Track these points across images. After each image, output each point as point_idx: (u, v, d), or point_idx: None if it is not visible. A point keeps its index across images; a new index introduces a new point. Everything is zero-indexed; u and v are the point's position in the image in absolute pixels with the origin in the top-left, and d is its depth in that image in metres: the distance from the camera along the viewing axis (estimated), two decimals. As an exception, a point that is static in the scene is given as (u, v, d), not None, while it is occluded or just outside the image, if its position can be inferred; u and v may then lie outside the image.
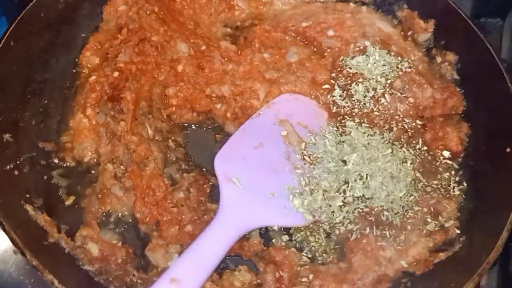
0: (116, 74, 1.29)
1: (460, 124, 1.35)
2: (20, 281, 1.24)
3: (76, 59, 1.39)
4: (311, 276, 1.13)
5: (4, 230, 0.99)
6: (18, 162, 1.16)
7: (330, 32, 1.47)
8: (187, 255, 1.00)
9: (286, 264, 1.14)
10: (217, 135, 1.35)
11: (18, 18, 1.25)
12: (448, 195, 1.25)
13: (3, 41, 1.21)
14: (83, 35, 1.43)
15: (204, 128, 1.37)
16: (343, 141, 1.27)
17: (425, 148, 1.31)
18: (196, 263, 0.99)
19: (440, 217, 1.21)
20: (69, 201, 1.19)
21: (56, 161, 1.24)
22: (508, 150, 1.20)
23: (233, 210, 1.11)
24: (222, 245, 1.04)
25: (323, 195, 1.19)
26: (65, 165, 1.24)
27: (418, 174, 1.26)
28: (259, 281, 1.14)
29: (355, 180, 1.20)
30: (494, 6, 1.84)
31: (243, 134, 1.27)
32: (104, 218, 1.18)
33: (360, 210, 1.19)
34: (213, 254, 1.02)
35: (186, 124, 1.36)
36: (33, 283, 1.23)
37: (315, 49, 1.47)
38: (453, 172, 1.29)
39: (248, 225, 1.12)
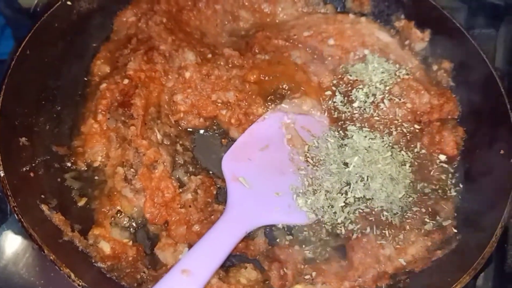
0: (126, 81, 1.35)
1: (456, 129, 1.40)
2: (31, 283, 1.26)
3: (88, 68, 1.45)
4: (314, 274, 1.18)
5: (24, 227, 1.04)
6: (33, 164, 1.21)
7: (331, 41, 1.53)
8: (197, 248, 1.05)
9: (290, 262, 1.18)
10: (223, 140, 1.40)
11: (34, 28, 1.31)
12: (445, 196, 1.30)
13: (19, 49, 1.26)
14: (94, 44, 1.49)
15: (211, 133, 1.42)
16: (345, 144, 1.32)
17: (423, 151, 1.36)
18: (206, 256, 1.04)
19: (438, 217, 1.26)
20: (81, 202, 1.24)
21: (68, 164, 1.29)
22: (502, 152, 1.26)
23: (239, 208, 1.17)
24: (230, 240, 1.09)
25: (325, 195, 1.24)
26: (77, 168, 1.29)
27: (416, 176, 1.31)
28: (264, 278, 1.18)
29: (356, 182, 1.25)
30: (487, 17, 1.90)
31: (249, 137, 1.32)
32: (115, 219, 1.23)
33: (361, 211, 1.24)
34: (221, 248, 1.07)
35: (193, 129, 1.42)
36: (43, 285, 1.26)
37: (315, 56, 1.53)
38: (450, 175, 1.34)
39: (254, 222, 1.17)
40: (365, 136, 1.32)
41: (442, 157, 1.35)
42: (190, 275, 0.98)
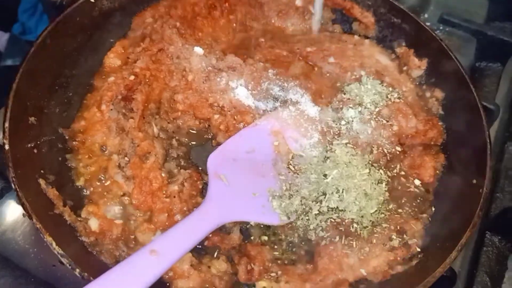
0: (132, 77, 1.46)
1: (438, 155, 1.47)
2: (25, 250, 1.37)
3: (101, 60, 1.57)
4: (279, 272, 1.26)
5: (18, 197, 1.15)
6: (38, 142, 1.32)
7: (331, 59, 1.62)
8: (169, 233, 1.14)
9: (259, 259, 1.26)
10: (213, 141, 1.49)
11: (57, 20, 1.43)
12: (416, 217, 1.37)
13: (40, 38, 1.39)
14: (111, 40, 1.60)
15: (206, 133, 1.51)
16: (328, 157, 1.39)
17: (402, 172, 1.43)
18: (176, 241, 1.12)
19: (405, 235, 1.32)
20: (79, 182, 1.35)
21: (71, 146, 1.40)
22: (474, 181, 1.31)
23: (216, 202, 1.25)
24: (201, 229, 1.18)
25: (301, 201, 1.31)
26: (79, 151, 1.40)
27: (391, 195, 1.38)
28: (233, 271, 1.27)
29: (332, 193, 1.31)
30: (496, 51, 1.95)
31: (238, 139, 1.41)
32: (108, 199, 1.32)
33: (333, 220, 1.31)
34: (192, 236, 1.15)
35: (190, 128, 1.51)
36: (35, 252, 1.36)
37: (315, 70, 1.62)
38: (424, 198, 1.40)
39: (227, 217, 1.25)
40: (347, 152, 1.39)
41: (417, 182, 1.42)
42: (158, 255, 1.06)
